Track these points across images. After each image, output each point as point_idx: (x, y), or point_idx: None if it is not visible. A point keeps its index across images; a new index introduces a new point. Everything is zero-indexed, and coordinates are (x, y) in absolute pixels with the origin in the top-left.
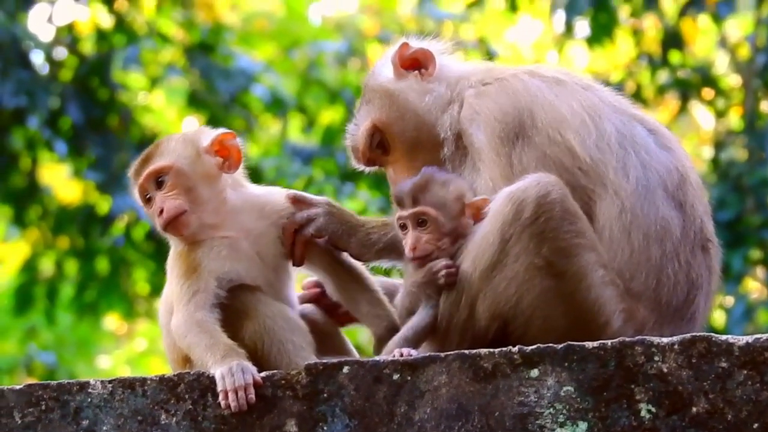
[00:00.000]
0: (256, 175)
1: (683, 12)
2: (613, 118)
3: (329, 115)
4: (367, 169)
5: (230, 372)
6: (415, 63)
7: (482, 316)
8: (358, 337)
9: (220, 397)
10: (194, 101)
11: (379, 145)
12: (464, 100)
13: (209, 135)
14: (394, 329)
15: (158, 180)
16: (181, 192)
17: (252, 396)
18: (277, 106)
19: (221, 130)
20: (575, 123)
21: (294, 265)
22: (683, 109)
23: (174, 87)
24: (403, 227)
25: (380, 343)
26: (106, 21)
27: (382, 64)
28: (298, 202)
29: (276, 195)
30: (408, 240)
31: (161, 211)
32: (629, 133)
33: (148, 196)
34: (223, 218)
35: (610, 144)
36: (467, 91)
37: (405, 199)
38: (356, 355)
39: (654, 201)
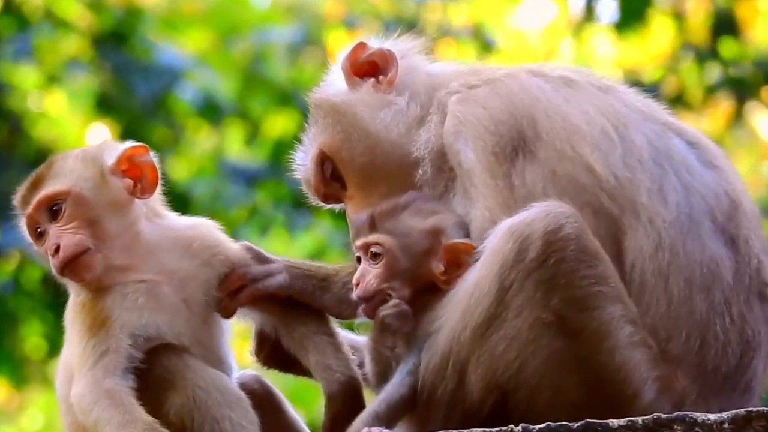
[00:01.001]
0: (183, 202)
1: None
2: (644, 127)
3: (279, 124)
4: (328, 206)
5: None
6: (372, 68)
7: (475, 387)
8: (315, 411)
9: None
10: (104, 105)
11: (333, 175)
12: (446, 110)
13: (115, 150)
14: (351, 386)
15: (52, 209)
16: (81, 224)
17: None
18: (211, 111)
19: (129, 144)
20: (593, 134)
21: (222, 316)
22: (738, 114)
23: (78, 87)
24: (359, 260)
25: (331, 402)
26: None
27: (334, 74)
28: (250, 249)
29: (205, 228)
30: (356, 273)
31: (57, 249)
32: (665, 146)
33: (39, 230)
34: (138, 258)
35: (642, 160)
36: (450, 98)
37: (363, 225)
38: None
39: (699, 235)
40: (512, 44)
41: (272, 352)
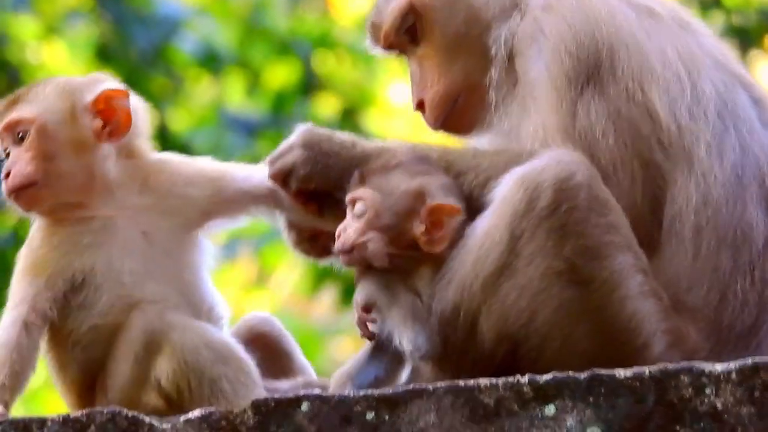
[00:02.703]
0: (184, 152)
1: None
2: (715, 76)
3: (279, 74)
4: (385, 54)
5: None
6: None
7: (486, 336)
8: (320, 360)
9: None
10: (104, 56)
11: (409, 29)
12: (527, 10)
13: (94, 89)
14: None
15: (18, 133)
16: (38, 155)
17: None
18: (211, 61)
19: (109, 85)
20: (667, 77)
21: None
22: (742, 62)
23: (78, 38)
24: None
25: None
26: None
27: None
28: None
29: (168, 162)
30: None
31: (8, 174)
32: (732, 101)
33: (6, 150)
34: (92, 195)
35: (708, 112)
36: (534, 1)
37: (354, 178)
38: (313, 378)
39: (744, 199)
40: None
41: (311, 239)
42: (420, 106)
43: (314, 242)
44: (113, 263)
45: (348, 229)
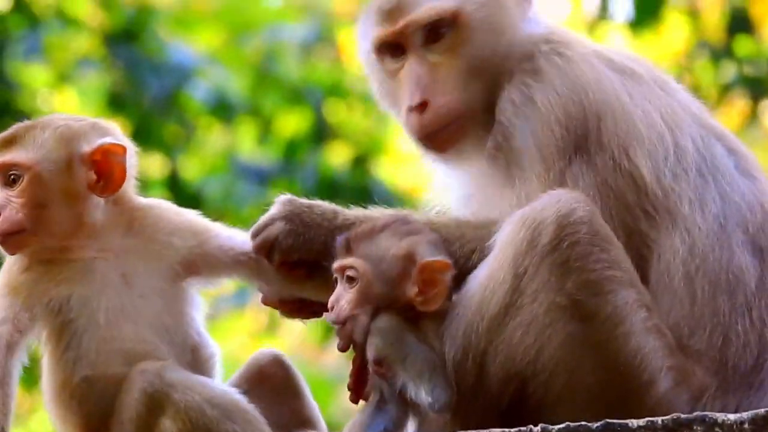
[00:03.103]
0: (195, 200)
1: None
2: (693, 131)
3: (291, 122)
4: (386, 41)
5: None
6: None
7: (494, 378)
8: (332, 408)
9: None
10: (116, 104)
11: (431, 31)
12: (515, 71)
13: (94, 141)
14: None
15: (10, 175)
16: (28, 203)
17: None
18: (222, 109)
19: (109, 140)
20: (651, 138)
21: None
22: (753, 113)
23: (89, 85)
24: (336, 282)
25: None
26: (1, 1)
27: None
28: (252, 236)
29: (155, 208)
30: (331, 296)
31: None
32: (709, 154)
33: None
34: (77, 240)
35: (688, 170)
36: (524, 63)
37: (340, 246)
38: (323, 426)
39: (730, 245)
40: None
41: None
42: (421, 106)
43: (301, 304)
44: (90, 300)
45: (341, 301)
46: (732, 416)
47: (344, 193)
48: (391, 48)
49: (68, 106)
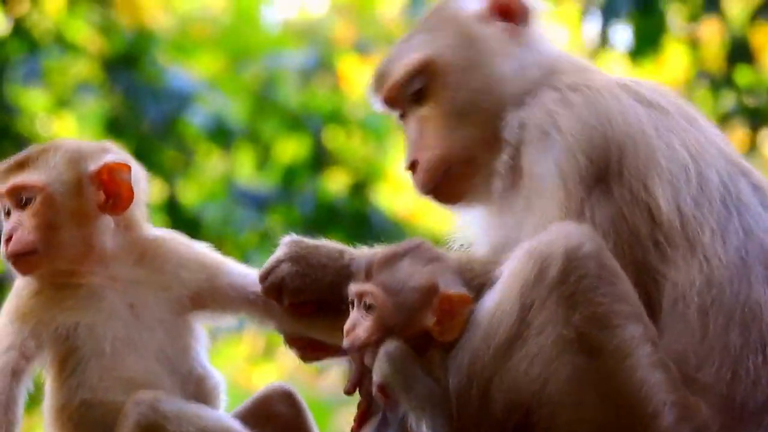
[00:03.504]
0: (193, 226)
1: (754, 17)
2: (718, 165)
3: (290, 148)
4: (382, 109)
5: None
6: (508, 13)
7: (498, 407)
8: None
9: None
10: (114, 129)
11: (416, 90)
12: (541, 99)
13: (99, 159)
14: None
15: (21, 197)
16: (40, 225)
17: None
18: (221, 135)
19: (113, 157)
20: (671, 169)
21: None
22: (752, 143)
23: (88, 110)
24: (352, 305)
25: None
26: (0, 25)
27: None
28: (260, 279)
29: (167, 240)
30: (347, 321)
31: (9, 238)
32: (734, 188)
33: (6, 209)
34: (87, 265)
35: (712, 200)
36: (548, 93)
37: (360, 271)
38: None
39: (749, 279)
40: None
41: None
42: (413, 166)
43: (309, 344)
44: (96, 329)
45: (357, 328)
46: None
47: (343, 219)
48: (393, 111)
49: (67, 131)
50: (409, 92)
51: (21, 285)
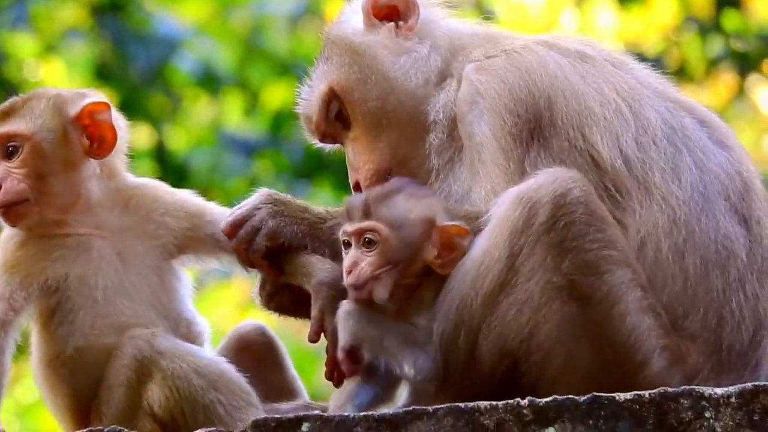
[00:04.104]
0: (182, 172)
1: None
2: (657, 104)
3: (278, 94)
4: (324, 146)
5: None
6: (392, 12)
7: (486, 355)
8: (315, 379)
9: None
10: (103, 74)
11: (338, 116)
12: (462, 76)
13: (79, 103)
14: (337, 281)
15: (8, 148)
16: (30, 174)
17: None
18: (209, 81)
19: (92, 98)
20: (606, 115)
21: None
22: (740, 88)
23: (76, 56)
24: (347, 245)
25: (317, 291)
26: None
27: (349, 12)
28: (233, 226)
29: (149, 186)
30: (346, 260)
31: None
32: (678, 124)
33: None
34: (75, 214)
35: (656, 139)
36: (468, 66)
37: (355, 209)
38: (306, 396)
39: (714, 213)
40: (513, 15)
41: (274, 293)
42: (357, 187)
43: (281, 298)
44: (87, 278)
45: (360, 263)
46: (719, 390)
47: (330, 166)
48: (334, 143)
49: (55, 76)
50: (332, 123)
51: (6, 237)
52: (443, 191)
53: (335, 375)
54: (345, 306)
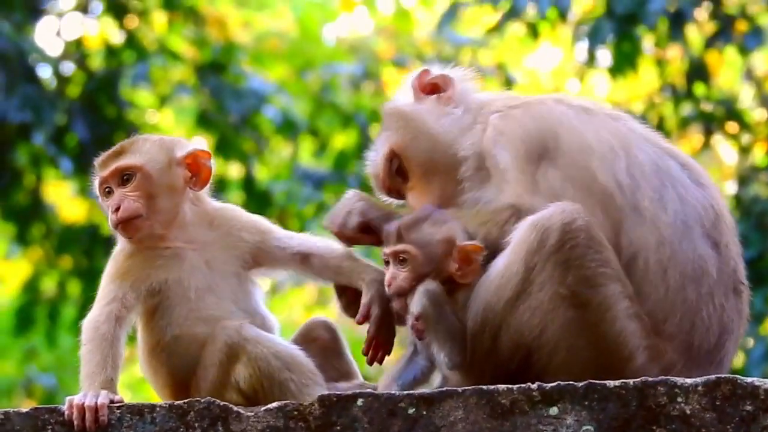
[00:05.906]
0: (264, 199)
1: (709, 43)
2: (646, 148)
3: (342, 140)
4: (392, 201)
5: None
6: (434, 88)
7: (505, 347)
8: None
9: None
10: (204, 121)
11: (398, 171)
12: (488, 123)
13: (185, 147)
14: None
15: (123, 177)
16: (142, 195)
17: (103, 418)
18: (288, 128)
19: (198, 146)
20: (602, 150)
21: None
22: (706, 143)
23: (183, 106)
24: (387, 263)
25: (369, 287)
26: (116, 36)
27: (401, 91)
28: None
29: (226, 209)
30: (386, 275)
31: (117, 208)
32: (664, 165)
33: (107, 189)
34: (173, 230)
35: (645, 172)
36: (493, 115)
37: (391, 235)
38: (361, 378)
39: (692, 238)
40: (528, 81)
41: (349, 305)
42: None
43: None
44: (182, 281)
45: (397, 279)
46: (689, 381)
47: None
48: (398, 198)
49: (167, 122)
50: (394, 177)
51: (117, 250)
52: (476, 200)
53: (370, 352)
54: (427, 284)
